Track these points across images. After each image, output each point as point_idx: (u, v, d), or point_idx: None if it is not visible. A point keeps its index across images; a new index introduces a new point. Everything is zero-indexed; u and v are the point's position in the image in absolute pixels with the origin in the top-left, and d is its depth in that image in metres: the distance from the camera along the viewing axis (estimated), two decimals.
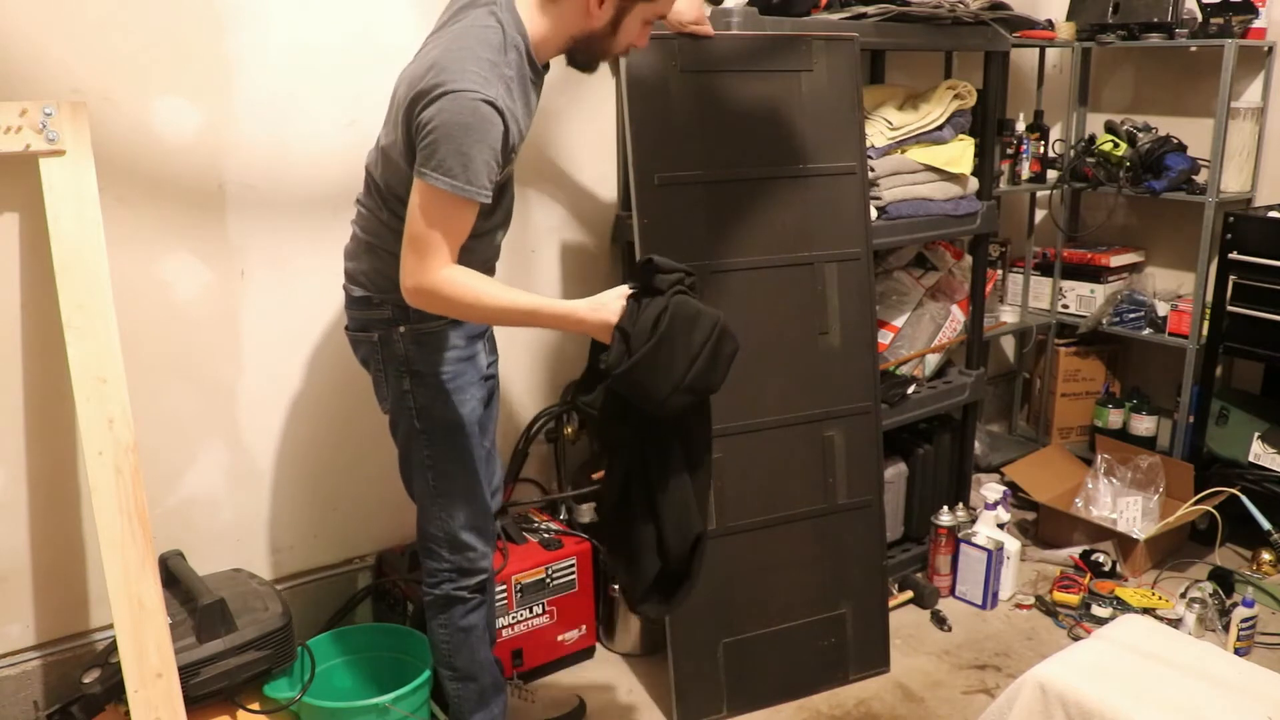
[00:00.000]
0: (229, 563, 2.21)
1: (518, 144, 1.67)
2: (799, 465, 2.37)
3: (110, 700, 1.82)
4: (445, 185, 1.55)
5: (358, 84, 2.21)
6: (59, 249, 1.81)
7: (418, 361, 1.80)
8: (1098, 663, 1.87)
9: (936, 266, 2.94)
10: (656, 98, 2.19)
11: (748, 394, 2.26)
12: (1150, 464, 3.13)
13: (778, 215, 2.32)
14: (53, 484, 2.04)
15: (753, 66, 2.28)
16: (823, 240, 2.37)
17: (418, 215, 1.59)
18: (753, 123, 2.29)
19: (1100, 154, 3.30)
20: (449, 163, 1.55)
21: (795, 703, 2.37)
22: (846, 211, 2.39)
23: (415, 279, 1.61)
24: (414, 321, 1.78)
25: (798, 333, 2.36)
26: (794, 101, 2.32)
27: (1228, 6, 3.06)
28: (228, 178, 2.11)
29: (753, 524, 2.31)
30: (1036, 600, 2.81)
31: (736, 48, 2.26)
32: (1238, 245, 2.94)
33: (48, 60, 1.87)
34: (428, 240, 1.59)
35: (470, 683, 1.97)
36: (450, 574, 1.91)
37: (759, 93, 2.29)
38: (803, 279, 2.35)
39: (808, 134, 2.33)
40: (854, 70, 2.38)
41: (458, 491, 1.87)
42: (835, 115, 2.37)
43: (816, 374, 2.38)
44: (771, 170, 2.30)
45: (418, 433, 1.84)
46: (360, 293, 1.82)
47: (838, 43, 2.36)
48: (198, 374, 2.17)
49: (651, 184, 2.18)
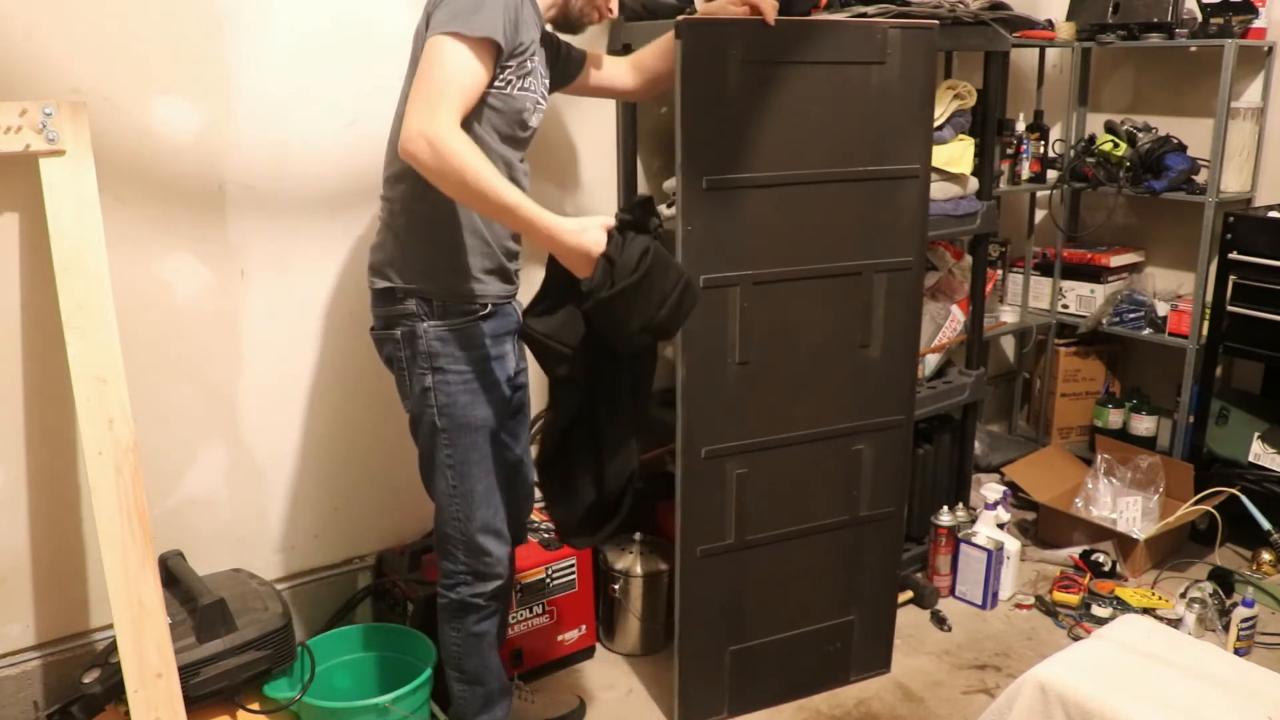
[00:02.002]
0: (229, 563, 2.21)
1: (524, 35, 1.70)
2: (824, 479, 2.29)
3: (110, 700, 1.82)
4: (461, 28, 1.57)
5: (358, 84, 2.21)
6: (59, 249, 1.81)
7: (442, 358, 1.79)
8: (1098, 663, 1.87)
9: (936, 266, 2.94)
10: (712, 91, 1.98)
11: (779, 410, 2.18)
12: (1150, 464, 3.13)
13: (831, 221, 2.17)
14: (53, 484, 2.04)
15: (821, 57, 2.08)
16: (875, 247, 2.21)
17: (430, 65, 1.59)
18: (814, 120, 2.11)
19: (1100, 154, 3.30)
20: (463, 13, 1.58)
21: (795, 703, 2.37)
22: (904, 217, 2.23)
23: (419, 123, 1.57)
24: (439, 317, 1.78)
25: (838, 346, 2.23)
26: (862, 97, 2.13)
27: (1228, 6, 3.06)
28: (228, 178, 2.11)
29: (772, 537, 2.25)
30: (1036, 600, 2.81)
31: (803, 36, 2.06)
32: (1238, 245, 2.94)
33: (48, 60, 1.87)
34: (441, 88, 1.58)
35: (477, 687, 1.97)
36: (466, 577, 1.90)
37: (824, 86, 2.10)
38: (850, 290, 2.21)
39: (873, 133, 2.15)
40: (930, 63, 2.19)
41: (477, 493, 1.86)
42: (904, 113, 2.18)
43: (852, 388, 2.27)
44: (829, 172, 2.13)
45: (439, 432, 1.83)
46: (383, 284, 1.81)
47: (916, 32, 2.14)
48: (198, 374, 2.17)
49: (699, 187, 2.01)
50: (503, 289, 1.85)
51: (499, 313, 1.85)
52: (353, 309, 2.31)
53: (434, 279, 1.78)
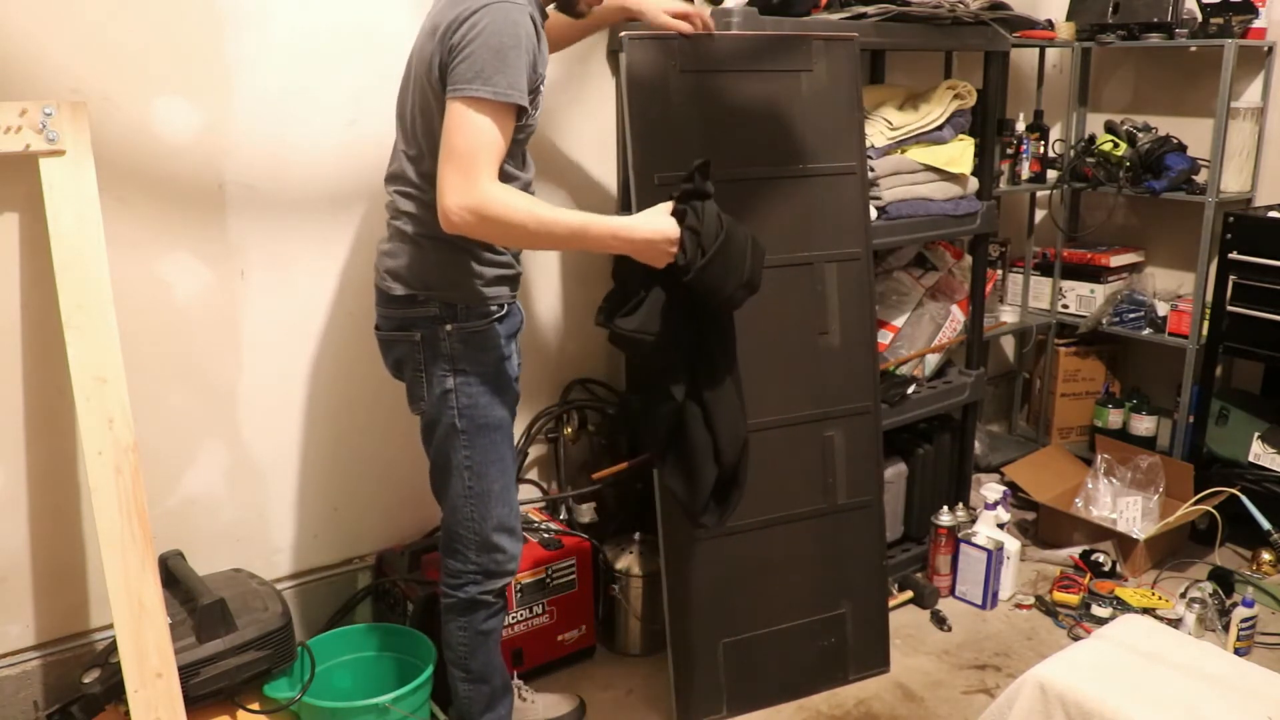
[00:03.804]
0: (229, 563, 2.21)
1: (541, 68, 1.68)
2: (799, 466, 2.37)
3: (110, 700, 1.82)
4: (487, 93, 1.54)
5: (358, 83, 2.21)
6: (59, 249, 1.81)
7: (464, 360, 1.79)
8: (1098, 663, 1.87)
9: (936, 266, 2.94)
10: (656, 97, 2.19)
11: (748, 395, 2.22)
12: (1150, 464, 3.13)
13: (778, 215, 2.31)
14: (53, 484, 2.04)
15: (753, 66, 2.28)
16: (823, 240, 2.37)
17: (457, 131, 1.56)
18: (753, 123, 2.29)
19: (1100, 154, 3.30)
20: (488, 70, 1.54)
21: (795, 703, 2.37)
22: (847, 211, 2.39)
23: (459, 197, 1.56)
24: (461, 320, 1.77)
25: (798, 333, 2.36)
26: (794, 101, 2.32)
27: (1228, 6, 3.06)
28: (228, 178, 2.11)
29: (753, 524, 2.31)
30: (1036, 600, 2.81)
31: (737, 47, 2.25)
32: (1238, 245, 2.94)
33: (48, 60, 1.87)
34: (472, 155, 1.55)
35: (483, 685, 1.97)
36: (476, 576, 1.90)
37: (759, 93, 2.29)
38: (803, 279, 2.35)
39: (808, 134, 2.33)
40: (854, 70, 2.38)
41: (494, 492, 1.86)
42: (835, 115, 2.37)
43: (816, 374, 2.38)
44: (772, 170, 2.30)
45: (458, 433, 1.82)
46: (402, 290, 1.79)
47: (838, 43, 2.36)
48: (198, 374, 2.17)
49: (651, 184, 2.17)
50: (511, 291, 1.87)
51: (510, 314, 1.86)
52: (353, 309, 2.31)
53: (456, 286, 1.78)
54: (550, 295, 2.66)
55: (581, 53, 2.51)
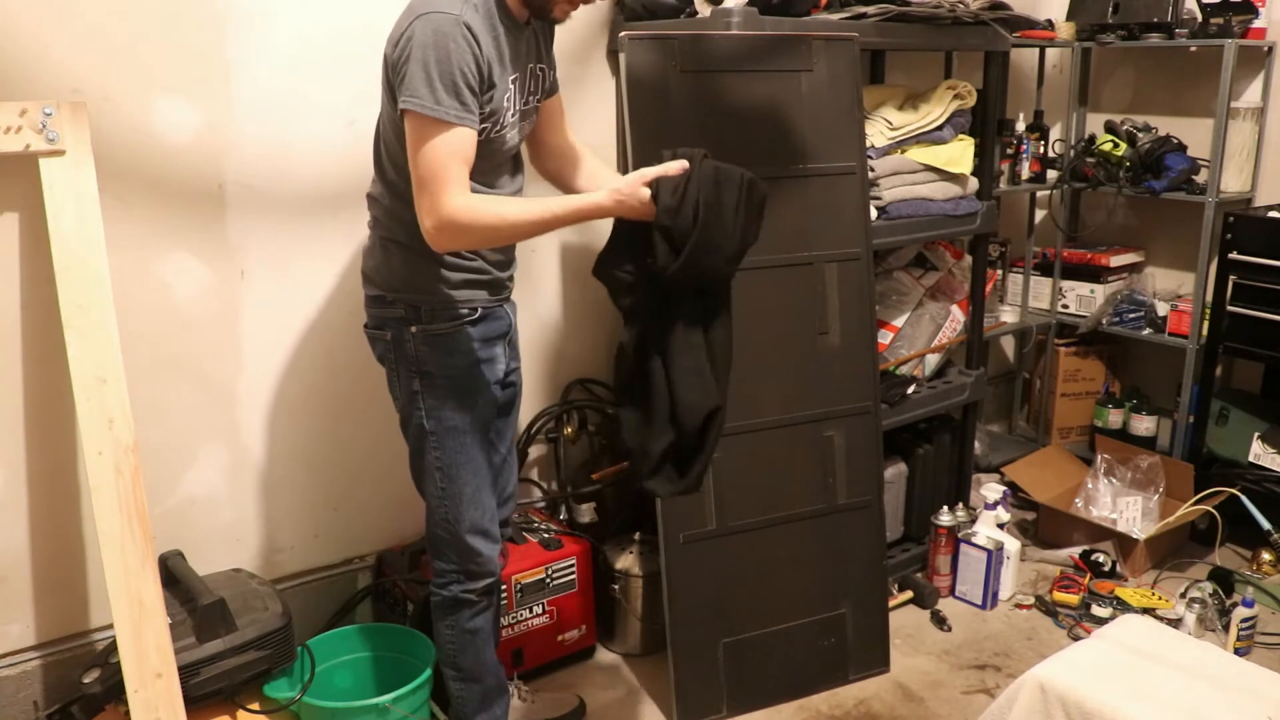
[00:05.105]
0: (229, 563, 2.21)
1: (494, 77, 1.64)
2: (799, 465, 2.37)
3: (110, 700, 1.82)
4: (414, 106, 1.55)
5: (357, 83, 2.21)
6: (59, 249, 1.81)
7: (429, 362, 1.79)
8: (1098, 663, 1.87)
9: (936, 266, 2.94)
10: (656, 98, 2.19)
11: (748, 394, 2.26)
12: (1150, 464, 3.13)
13: (778, 215, 2.28)
14: (53, 484, 2.04)
15: (752, 66, 2.28)
16: (823, 240, 2.37)
17: (414, 154, 1.58)
18: (753, 123, 2.29)
19: (1100, 154, 3.30)
20: (415, 83, 1.55)
21: (795, 702, 2.37)
22: (846, 211, 2.40)
23: (431, 217, 1.58)
24: (425, 322, 1.78)
25: (798, 333, 2.36)
26: (794, 101, 2.32)
27: (1228, 6, 3.06)
28: (228, 178, 2.11)
29: (753, 524, 2.31)
30: (1036, 600, 2.81)
31: (736, 48, 2.25)
32: (1238, 245, 2.94)
33: (48, 60, 1.87)
34: (432, 174, 1.57)
35: (474, 684, 1.98)
36: (457, 575, 1.91)
37: (759, 93, 2.29)
38: (803, 279, 2.35)
39: (808, 134, 2.34)
40: (854, 70, 2.38)
41: (465, 495, 1.86)
42: (835, 115, 2.37)
43: (816, 374, 2.38)
44: (772, 170, 2.29)
45: (427, 434, 1.83)
46: (374, 291, 1.82)
47: (838, 43, 2.36)
48: (198, 374, 2.17)
49: None
50: (491, 295, 1.85)
51: (489, 316, 1.84)
52: (352, 309, 2.31)
53: (419, 289, 1.78)
54: (550, 295, 2.66)
55: (581, 53, 2.51)
